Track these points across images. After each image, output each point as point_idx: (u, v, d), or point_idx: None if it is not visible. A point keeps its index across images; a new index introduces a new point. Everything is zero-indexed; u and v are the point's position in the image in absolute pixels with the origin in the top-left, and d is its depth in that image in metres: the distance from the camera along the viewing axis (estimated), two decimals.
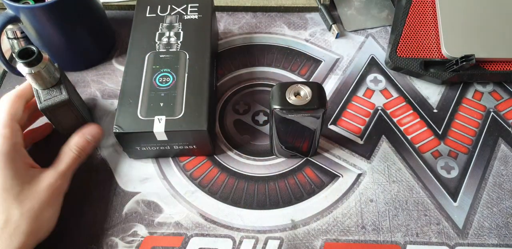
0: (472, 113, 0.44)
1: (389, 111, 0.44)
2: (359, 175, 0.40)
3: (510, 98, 0.45)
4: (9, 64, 0.42)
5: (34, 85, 0.35)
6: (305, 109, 0.31)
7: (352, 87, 0.46)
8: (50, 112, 0.36)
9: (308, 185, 0.39)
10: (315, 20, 0.51)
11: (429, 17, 0.46)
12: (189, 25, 0.43)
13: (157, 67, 0.39)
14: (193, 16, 0.43)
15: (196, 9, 0.44)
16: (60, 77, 0.36)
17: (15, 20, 0.40)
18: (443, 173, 0.40)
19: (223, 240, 0.37)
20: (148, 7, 0.44)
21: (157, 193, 0.39)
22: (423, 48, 0.45)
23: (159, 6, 0.44)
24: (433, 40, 0.45)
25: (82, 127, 0.38)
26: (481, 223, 0.37)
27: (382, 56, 0.48)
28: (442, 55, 0.44)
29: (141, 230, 0.37)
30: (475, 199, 0.39)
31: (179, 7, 0.44)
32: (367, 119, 0.43)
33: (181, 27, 0.42)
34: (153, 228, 0.37)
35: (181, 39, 0.42)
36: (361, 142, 0.42)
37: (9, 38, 0.45)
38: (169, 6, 0.44)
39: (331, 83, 0.46)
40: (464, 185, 0.39)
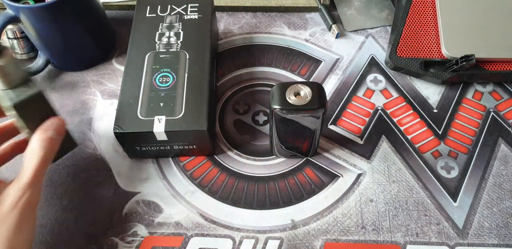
0: (472, 113, 0.44)
1: (389, 111, 0.44)
2: (359, 175, 0.40)
3: (510, 98, 0.45)
4: None
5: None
6: (305, 109, 0.31)
7: (352, 87, 0.46)
8: (23, 109, 0.31)
9: (308, 185, 0.39)
10: (315, 20, 0.51)
11: (429, 17, 0.46)
12: (189, 25, 0.43)
13: (157, 67, 0.39)
14: (193, 16, 0.43)
15: (196, 9, 0.44)
16: (26, 77, 0.32)
17: (15, 20, 0.40)
18: (443, 173, 0.40)
19: (223, 240, 0.37)
20: (148, 7, 0.44)
21: (157, 193, 0.39)
22: (423, 48, 0.45)
23: (159, 6, 0.44)
24: (433, 40, 0.45)
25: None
26: (481, 223, 0.37)
27: (382, 56, 0.48)
28: (442, 55, 0.44)
29: (141, 230, 0.37)
30: (475, 199, 0.39)
31: (179, 7, 0.44)
32: (367, 119, 0.43)
33: (181, 27, 0.42)
34: (153, 228, 0.37)
35: (181, 39, 0.42)
36: (361, 142, 0.42)
37: (9, 38, 0.45)
38: (169, 6, 0.44)
39: (331, 83, 0.46)
40: (464, 185, 0.39)
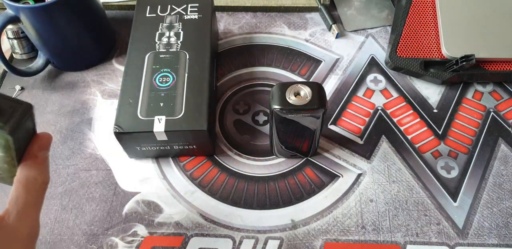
0: (472, 113, 0.44)
1: (389, 111, 0.44)
2: (359, 175, 0.40)
3: (510, 98, 0.45)
4: (9, 64, 0.42)
5: None
6: (305, 109, 0.31)
7: (352, 87, 0.46)
8: (18, 132, 0.25)
9: (308, 185, 0.39)
10: (315, 20, 0.51)
11: (429, 17, 0.46)
12: (189, 25, 0.43)
13: (157, 67, 0.39)
14: (193, 16, 0.43)
15: (196, 9, 0.44)
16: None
17: (15, 20, 0.40)
18: (443, 173, 0.40)
19: (223, 240, 0.37)
20: (148, 7, 0.44)
21: (157, 193, 0.39)
22: (423, 48, 0.45)
23: (159, 6, 0.44)
24: (433, 40, 0.45)
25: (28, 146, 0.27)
26: (481, 223, 0.37)
27: (382, 56, 0.48)
28: (442, 55, 0.44)
29: (141, 230, 0.37)
30: (475, 199, 0.39)
31: (179, 7, 0.44)
32: (367, 119, 0.43)
33: (181, 27, 0.42)
34: (153, 228, 0.37)
35: (181, 39, 0.41)
36: (361, 142, 0.42)
37: (9, 38, 0.46)
38: (169, 6, 0.44)
39: (331, 83, 0.46)
40: (464, 185, 0.39)
